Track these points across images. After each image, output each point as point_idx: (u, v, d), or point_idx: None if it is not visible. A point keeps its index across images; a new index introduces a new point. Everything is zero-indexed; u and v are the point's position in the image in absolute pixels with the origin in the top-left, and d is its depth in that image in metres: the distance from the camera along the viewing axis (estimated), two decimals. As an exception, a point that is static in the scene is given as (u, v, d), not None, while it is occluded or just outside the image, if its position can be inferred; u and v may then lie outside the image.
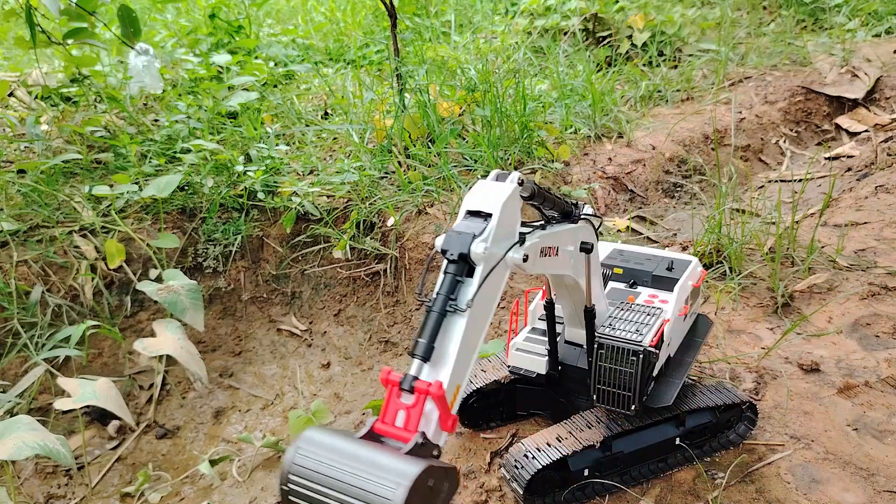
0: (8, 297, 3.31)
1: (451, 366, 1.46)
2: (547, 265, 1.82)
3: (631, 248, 2.73)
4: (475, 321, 1.51)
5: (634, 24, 6.43)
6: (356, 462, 1.26)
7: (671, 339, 2.39)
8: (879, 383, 2.79)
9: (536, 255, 1.71)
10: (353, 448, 1.30)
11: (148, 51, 4.66)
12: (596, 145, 4.93)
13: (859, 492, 2.32)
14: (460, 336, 1.47)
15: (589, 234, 2.06)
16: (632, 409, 2.18)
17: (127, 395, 3.36)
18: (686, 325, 2.56)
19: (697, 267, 2.60)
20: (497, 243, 1.54)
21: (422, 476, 1.24)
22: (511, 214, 1.60)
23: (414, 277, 3.80)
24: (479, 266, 1.50)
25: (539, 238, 1.73)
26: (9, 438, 2.29)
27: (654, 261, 2.59)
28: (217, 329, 3.78)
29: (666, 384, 2.34)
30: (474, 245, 1.49)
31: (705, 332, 2.66)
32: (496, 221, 1.53)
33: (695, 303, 2.63)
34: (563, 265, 1.94)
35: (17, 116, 4.43)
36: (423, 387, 1.39)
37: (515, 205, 1.62)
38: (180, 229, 3.89)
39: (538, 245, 1.72)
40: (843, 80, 5.84)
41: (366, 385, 3.37)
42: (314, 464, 1.28)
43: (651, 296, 2.45)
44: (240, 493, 2.79)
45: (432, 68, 4.84)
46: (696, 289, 2.56)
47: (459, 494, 2.44)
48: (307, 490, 1.28)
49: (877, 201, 4.19)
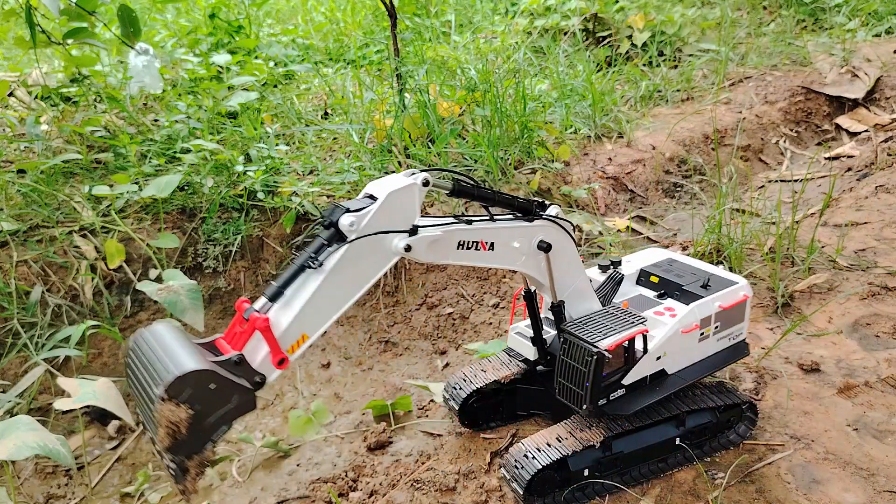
0: (8, 296, 3.31)
1: (294, 313, 1.66)
2: (468, 258, 1.97)
3: (684, 260, 2.67)
4: (332, 285, 1.70)
5: (634, 24, 6.43)
6: (165, 351, 1.52)
7: (667, 354, 2.34)
8: (879, 383, 2.79)
9: (426, 247, 1.86)
10: (172, 342, 1.55)
11: (148, 51, 4.65)
12: (596, 145, 4.93)
13: (859, 492, 2.32)
14: (311, 291, 1.67)
15: (552, 233, 2.09)
16: (583, 408, 2.21)
17: (127, 395, 3.36)
18: (705, 345, 2.45)
19: (741, 290, 2.48)
20: (374, 225, 1.73)
21: (199, 374, 1.44)
22: (400, 205, 1.78)
23: (414, 277, 3.80)
24: (350, 237, 1.71)
25: (442, 232, 1.87)
26: (9, 438, 2.29)
27: (697, 276, 2.52)
28: (217, 329, 3.78)
29: (638, 395, 2.31)
30: (343, 217, 1.70)
31: (728, 360, 2.52)
32: (377, 206, 1.73)
33: (729, 326, 2.49)
34: (497, 260, 2.05)
35: (16, 116, 4.43)
36: (254, 318, 1.61)
37: (408, 198, 1.79)
38: (180, 229, 3.89)
39: (433, 239, 1.86)
40: (843, 80, 5.85)
41: (366, 385, 3.37)
42: (143, 346, 1.56)
43: (667, 308, 2.40)
44: (240, 493, 2.79)
45: (432, 68, 4.84)
46: (725, 311, 2.43)
47: (459, 494, 2.44)
48: (132, 363, 1.58)
49: (877, 201, 4.19)
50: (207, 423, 1.52)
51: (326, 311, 1.73)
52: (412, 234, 1.81)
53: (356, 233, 1.72)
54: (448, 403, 2.72)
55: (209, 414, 1.51)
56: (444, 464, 2.59)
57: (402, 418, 3.00)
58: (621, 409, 2.27)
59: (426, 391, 3.12)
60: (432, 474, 2.53)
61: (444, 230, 1.89)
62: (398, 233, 1.79)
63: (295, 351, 1.69)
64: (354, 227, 1.72)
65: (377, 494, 2.53)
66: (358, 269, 1.76)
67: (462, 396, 2.62)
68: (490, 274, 3.68)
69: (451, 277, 3.75)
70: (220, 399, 1.51)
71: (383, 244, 1.78)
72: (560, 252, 2.14)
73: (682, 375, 2.41)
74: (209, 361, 1.51)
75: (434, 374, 3.33)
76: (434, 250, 1.90)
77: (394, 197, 1.77)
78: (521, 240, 2.06)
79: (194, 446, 1.52)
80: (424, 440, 2.82)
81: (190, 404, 1.46)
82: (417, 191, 1.82)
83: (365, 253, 1.75)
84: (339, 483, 2.67)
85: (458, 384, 2.67)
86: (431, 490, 2.48)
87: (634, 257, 2.73)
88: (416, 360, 3.50)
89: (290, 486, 2.74)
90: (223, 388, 1.50)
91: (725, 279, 2.51)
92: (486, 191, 2.00)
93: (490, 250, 2.01)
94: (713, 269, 2.60)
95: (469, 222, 1.96)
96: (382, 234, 1.76)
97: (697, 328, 2.39)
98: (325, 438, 2.99)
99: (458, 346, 3.49)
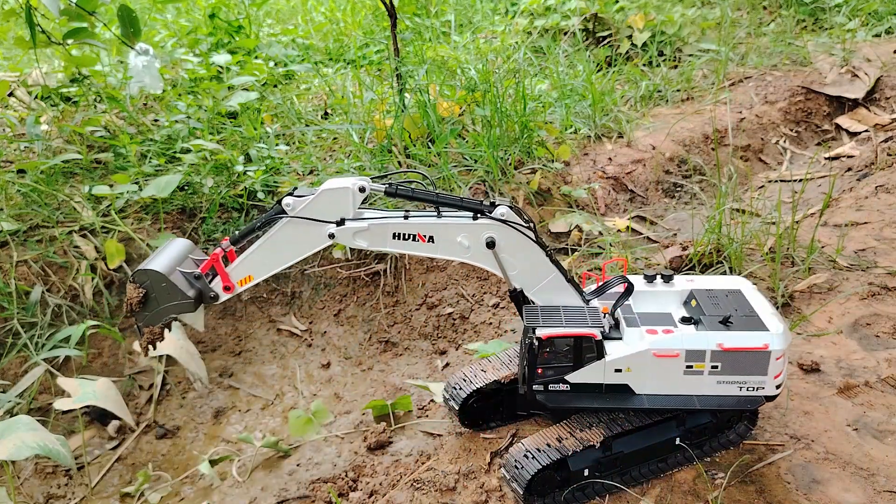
0: (8, 296, 3.31)
1: (242, 257, 2.27)
2: (407, 247, 2.28)
3: (749, 295, 2.42)
4: (272, 246, 2.26)
5: (634, 24, 6.43)
6: (158, 252, 2.29)
7: (631, 370, 2.26)
8: (879, 383, 2.80)
9: (350, 236, 2.23)
10: (168, 249, 2.30)
11: (148, 51, 4.65)
12: (596, 145, 4.94)
13: (859, 492, 2.32)
14: (257, 246, 2.26)
15: (500, 232, 2.23)
16: (522, 389, 2.29)
17: (127, 395, 3.36)
18: (695, 381, 2.27)
19: (762, 339, 2.21)
20: (305, 212, 2.19)
21: (156, 273, 2.17)
22: (333, 201, 2.18)
23: (414, 277, 3.80)
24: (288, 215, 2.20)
25: (367, 225, 2.22)
26: (9, 438, 2.29)
27: (738, 312, 2.31)
28: (217, 329, 3.78)
29: (583, 398, 2.30)
30: (286, 198, 2.19)
31: (723, 405, 2.30)
32: (311, 198, 2.18)
33: (737, 373, 2.26)
34: (440, 251, 2.30)
35: (17, 116, 4.43)
36: (214, 253, 2.27)
37: (341, 197, 2.18)
38: (180, 229, 3.89)
39: (358, 230, 2.22)
40: (843, 80, 5.85)
41: (366, 385, 3.38)
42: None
43: (665, 330, 2.28)
44: (240, 493, 2.79)
45: (432, 68, 4.84)
46: (727, 353, 2.22)
47: (459, 494, 2.44)
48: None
49: (877, 201, 4.19)
50: (159, 307, 2.24)
51: (268, 264, 2.29)
52: (339, 226, 2.21)
53: (290, 213, 2.19)
54: (448, 403, 2.72)
55: (159, 302, 2.23)
56: (444, 464, 2.59)
57: (402, 418, 3.01)
58: (556, 402, 2.30)
59: (426, 391, 3.12)
60: (432, 474, 2.53)
61: (371, 223, 2.22)
62: (326, 223, 2.21)
63: (243, 285, 2.30)
64: (290, 208, 2.18)
65: (377, 494, 2.53)
66: (293, 241, 2.25)
67: (462, 396, 2.62)
68: (490, 274, 3.68)
69: (452, 277, 3.75)
70: (167, 294, 2.21)
71: (313, 228, 2.22)
72: (510, 248, 2.26)
73: (650, 399, 2.29)
74: (177, 269, 2.22)
75: (434, 374, 3.34)
76: (364, 238, 2.25)
77: (327, 194, 2.18)
78: (468, 236, 2.25)
79: (147, 320, 2.28)
80: (424, 440, 2.82)
81: (144, 289, 2.21)
82: (352, 194, 2.18)
83: (299, 231, 2.23)
84: (339, 483, 2.68)
85: (458, 384, 2.67)
86: (431, 490, 2.48)
87: (705, 280, 2.54)
88: (416, 360, 3.50)
89: (290, 486, 2.74)
90: (170, 289, 2.20)
91: (758, 323, 2.27)
92: (424, 192, 2.27)
93: (430, 242, 2.27)
94: (766, 312, 2.33)
95: (406, 217, 2.24)
96: (311, 221, 2.20)
97: (677, 357, 2.23)
98: (325, 438, 2.99)
99: (458, 346, 3.49)
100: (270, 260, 2.29)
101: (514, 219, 2.23)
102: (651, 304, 2.45)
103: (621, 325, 2.34)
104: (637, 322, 2.33)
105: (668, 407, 2.31)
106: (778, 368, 2.25)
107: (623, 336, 2.30)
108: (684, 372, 2.27)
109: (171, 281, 2.18)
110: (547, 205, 4.28)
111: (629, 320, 2.34)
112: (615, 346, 2.27)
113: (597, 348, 2.24)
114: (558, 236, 4.10)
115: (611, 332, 2.31)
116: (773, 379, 2.26)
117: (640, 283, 2.51)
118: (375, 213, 2.27)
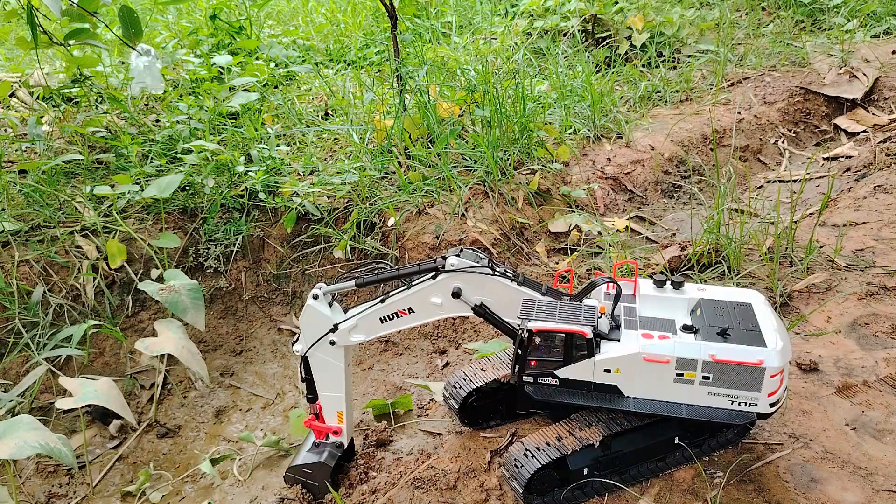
0: (10, 296, 3.32)
1: (322, 407, 2.57)
2: (396, 325, 2.43)
3: (759, 309, 2.37)
4: (322, 381, 2.52)
5: (633, 25, 6.44)
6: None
7: (621, 372, 2.25)
8: (878, 383, 2.81)
9: (348, 334, 2.41)
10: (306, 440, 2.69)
11: (149, 51, 4.66)
12: (595, 146, 4.95)
13: (858, 491, 2.33)
14: (319, 393, 2.55)
15: (461, 278, 2.34)
16: (513, 379, 2.36)
17: (128, 395, 3.37)
18: (685, 390, 2.25)
19: (758, 354, 2.17)
20: (307, 342, 2.44)
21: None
22: (312, 321, 2.41)
23: (414, 277, 3.81)
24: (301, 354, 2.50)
25: (356, 320, 2.39)
26: (10, 438, 2.30)
27: (741, 325, 2.28)
28: (218, 329, 3.79)
29: (570, 394, 2.31)
30: (295, 346, 2.48)
31: (713, 418, 2.26)
32: (300, 332, 2.45)
33: (729, 386, 2.22)
34: (422, 317, 2.42)
35: (18, 117, 4.44)
36: (306, 421, 2.64)
37: (312, 314, 2.40)
38: (181, 229, 3.90)
39: (351, 326, 2.40)
40: (842, 80, 5.86)
41: (366, 385, 3.39)
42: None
43: (661, 336, 2.26)
44: (241, 492, 2.80)
45: (432, 69, 4.85)
46: (719, 364, 2.18)
47: (460, 493, 2.45)
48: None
49: (875, 201, 4.21)
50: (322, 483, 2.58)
51: (335, 397, 2.53)
52: (334, 331, 2.41)
53: (301, 352, 2.47)
54: (448, 402, 2.73)
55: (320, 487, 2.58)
56: (445, 462, 2.60)
57: (402, 417, 3.02)
58: (543, 395, 2.32)
59: (426, 390, 3.13)
60: (432, 473, 2.54)
61: (358, 318, 2.40)
62: (325, 336, 2.41)
63: (341, 420, 2.57)
64: (299, 350, 2.47)
65: (378, 493, 2.54)
66: (328, 368, 2.48)
67: (462, 395, 2.64)
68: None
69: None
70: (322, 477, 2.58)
71: (323, 348, 2.44)
72: (477, 289, 2.37)
73: (637, 403, 2.28)
74: (304, 452, 2.64)
75: (434, 374, 3.35)
76: (361, 331, 2.42)
77: (304, 320, 2.42)
78: (438, 295, 2.37)
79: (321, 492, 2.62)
80: (425, 439, 2.83)
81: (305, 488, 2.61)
82: (315, 304, 2.38)
83: (320, 359, 2.47)
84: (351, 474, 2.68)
85: (458, 383, 2.68)
86: (432, 488, 2.49)
87: (718, 290, 2.50)
88: (416, 359, 3.52)
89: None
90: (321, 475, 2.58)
91: (757, 338, 2.23)
92: (388, 273, 2.41)
93: (411, 313, 2.42)
94: (769, 328, 2.28)
95: (384, 300, 2.39)
96: (317, 342, 2.43)
97: (668, 363, 2.21)
98: (326, 437, 3.00)
99: (457, 345, 3.50)
100: (333, 390, 2.53)
101: (466, 263, 2.33)
102: (658, 309, 2.44)
103: (621, 327, 2.34)
104: (637, 325, 2.33)
105: (654, 412, 2.28)
106: (773, 386, 2.19)
107: (620, 337, 2.31)
108: (674, 379, 2.24)
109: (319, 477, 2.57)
110: (546, 205, 4.29)
111: (629, 323, 2.34)
112: (609, 347, 2.27)
113: (587, 346, 2.24)
114: (558, 236, 4.12)
115: (610, 333, 2.32)
116: (768, 396, 2.21)
117: (650, 287, 2.49)
118: (359, 307, 2.43)
